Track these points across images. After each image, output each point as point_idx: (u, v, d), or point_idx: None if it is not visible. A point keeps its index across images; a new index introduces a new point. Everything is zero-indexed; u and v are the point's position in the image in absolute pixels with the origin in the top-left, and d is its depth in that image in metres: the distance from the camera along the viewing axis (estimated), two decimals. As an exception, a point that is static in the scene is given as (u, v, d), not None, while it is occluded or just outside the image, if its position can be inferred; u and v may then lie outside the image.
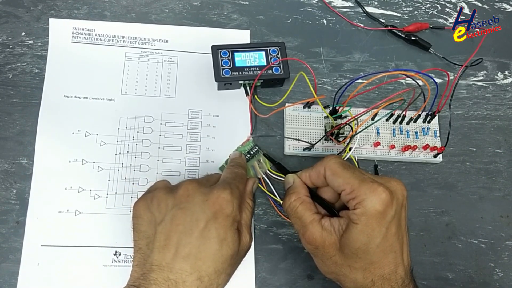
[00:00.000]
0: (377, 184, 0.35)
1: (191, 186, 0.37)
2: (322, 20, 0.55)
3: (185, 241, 0.34)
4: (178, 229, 0.34)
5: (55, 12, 0.50)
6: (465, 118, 0.53)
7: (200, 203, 0.35)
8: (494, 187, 0.51)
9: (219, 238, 0.35)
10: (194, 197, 0.36)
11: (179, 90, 0.49)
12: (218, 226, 0.35)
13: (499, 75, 0.56)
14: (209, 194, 0.36)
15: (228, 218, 0.35)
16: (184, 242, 0.34)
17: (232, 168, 0.42)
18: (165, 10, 0.52)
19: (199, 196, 0.36)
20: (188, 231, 0.34)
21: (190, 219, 0.35)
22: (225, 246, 0.35)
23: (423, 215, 0.48)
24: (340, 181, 0.36)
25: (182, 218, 0.35)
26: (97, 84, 0.48)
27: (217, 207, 0.35)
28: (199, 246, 0.34)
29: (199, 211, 0.35)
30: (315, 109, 0.49)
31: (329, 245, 0.36)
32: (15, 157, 0.44)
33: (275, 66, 0.47)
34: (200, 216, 0.35)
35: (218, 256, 0.35)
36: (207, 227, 0.35)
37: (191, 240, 0.34)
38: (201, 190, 0.36)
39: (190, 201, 0.36)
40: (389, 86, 0.53)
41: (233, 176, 0.40)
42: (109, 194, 0.44)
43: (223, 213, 0.35)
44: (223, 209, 0.35)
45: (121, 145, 0.46)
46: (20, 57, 0.48)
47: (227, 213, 0.35)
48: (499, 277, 0.47)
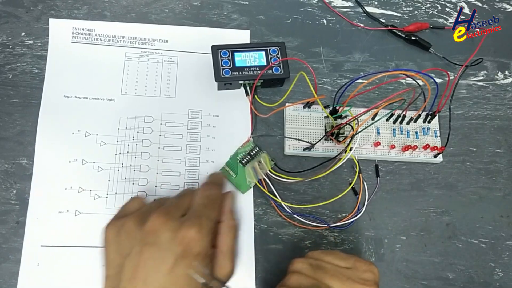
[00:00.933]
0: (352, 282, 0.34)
1: (158, 221, 0.35)
2: (322, 20, 0.55)
3: (153, 277, 0.33)
4: (146, 264, 0.34)
5: (55, 12, 0.50)
6: (465, 118, 0.53)
7: (167, 240, 0.34)
8: (494, 187, 0.51)
9: (188, 277, 0.34)
10: (161, 233, 0.34)
11: (179, 90, 0.49)
12: (187, 264, 0.34)
13: (499, 75, 0.56)
14: (177, 231, 0.34)
15: (198, 257, 0.34)
16: (152, 278, 0.33)
17: (205, 191, 0.39)
18: (165, 10, 0.52)
19: (166, 233, 0.34)
20: (156, 267, 0.34)
21: (157, 255, 0.34)
22: (195, 283, 0.34)
23: (423, 215, 0.48)
24: None
25: (150, 253, 0.34)
26: (97, 84, 0.48)
27: (185, 246, 0.34)
28: (167, 283, 0.33)
29: (166, 248, 0.34)
30: (315, 109, 0.49)
31: None
32: (15, 157, 0.44)
33: (275, 66, 0.47)
34: (167, 253, 0.34)
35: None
36: (176, 265, 0.33)
37: (159, 276, 0.33)
38: (169, 225, 0.35)
39: (157, 237, 0.34)
40: (389, 86, 0.53)
41: (205, 202, 0.38)
42: (109, 194, 0.44)
43: (191, 252, 0.34)
44: (191, 248, 0.34)
45: (121, 145, 0.46)
46: (20, 57, 0.48)
47: (196, 252, 0.34)
48: (499, 277, 0.47)
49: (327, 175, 0.47)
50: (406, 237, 0.47)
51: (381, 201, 0.48)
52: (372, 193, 0.48)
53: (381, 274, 0.45)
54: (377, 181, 0.48)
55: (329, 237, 0.46)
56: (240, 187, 0.46)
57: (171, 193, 0.45)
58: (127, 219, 0.36)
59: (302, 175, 0.47)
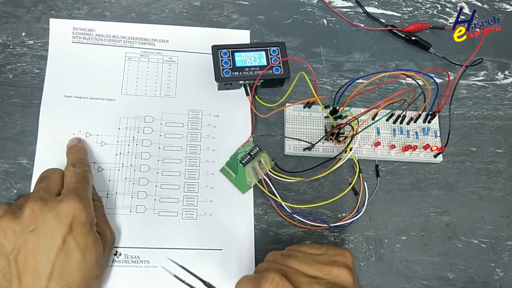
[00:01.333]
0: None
1: (36, 205, 0.35)
2: (322, 20, 0.55)
3: (45, 261, 0.34)
4: (35, 251, 0.34)
5: (55, 12, 0.50)
6: (465, 118, 0.53)
7: (52, 220, 0.35)
8: (494, 187, 0.51)
9: (79, 248, 0.35)
10: (43, 216, 0.35)
11: (179, 90, 0.49)
12: (76, 236, 0.35)
13: (499, 75, 0.56)
14: (59, 209, 0.35)
15: (85, 226, 0.35)
16: (44, 262, 0.34)
17: (74, 170, 0.40)
18: (165, 10, 0.53)
19: (48, 214, 0.35)
20: (45, 251, 0.34)
21: (44, 238, 0.34)
22: (88, 252, 0.35)
23: (423, 215, 0.48)
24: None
25: (36, 240, 0.34)
26: (98, 84, 0.48)
27: (70, 218, 0.35)
28: (61, 262, 0.34)
29: (53, 228, 0.34)
30: (316, 109, 0.49)
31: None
32: (16, 157, 0.44)
33: (275, 66, 0.47)
34: (55, 232, 0.34)
35: (82, 264, 0.35)
36: (66, 241, 0.34)
37: (51, 258, 0.34)
38: (49, 206, 0.35)
39: (39, 221, 0.35)
40: (389, 86, 0.53)
41: (77, 179, 0.39)
42: (109, 194, 0.44)
43: (78, 223, 0.35)
44: (77, 218, 0.35)
45: (121, 145, 0.46)
46: (20, 57, 0.48)
47: (83, 221, 0.35)
48: (500, 277, 0.47)
49: (327, 175, 0.47)
50: (406, 237, 0.47)
51: (381, 201, 0.48)
52: (372, 193, 0.48)
53: (381, 274, 0.45)
54: (377, 181, 0.48)
55: (329, 237, 0.46)
56: (240, 187, 0.46)
57: (171, 193, 0.45)
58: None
59: (302, 175, 0.47)
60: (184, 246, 0.43)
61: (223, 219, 0.45)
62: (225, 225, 0.45)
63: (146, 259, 0.42)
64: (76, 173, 0.40)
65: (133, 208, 0.44)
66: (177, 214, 0.44)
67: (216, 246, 0.44)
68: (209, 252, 0.43)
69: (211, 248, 0.43)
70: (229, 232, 0.44)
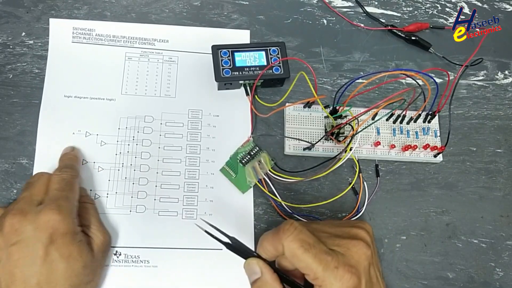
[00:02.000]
0: (342, 270, 0.33)
1: (15, 219, 0.35)
2: (322, 20, 0.55)
3: (30, 273, 0.34)
4: (19, 263, 0.34)
5: (55, 12, 0.50)
6: (465, 118, 0.53)
7: (31, 232, 0.35)
8: (494, 186, 0.51)
9: (63, 258, 0.35)
10: (23, 229, 0.35)
11: (179, 90, 0.49)
12: (59, 247, 0.35)
13: (499, 75, 0.56)
14: (37, 221, 0.35)
15: (66, 236, 0.35)
16: (29, 273, 0.34)
17: (60, 175, 0.40)
18: (165, 10, 0.53)
19: (28, 226, 0.35)
20: (29, 262, 0.34)
21: (27, 250, 0.34)
22: (73, 261, 0.35)
23: (423, 215, 0.48)
24: (302, 265, 0.33)
25: (19, 253, 0.35)
26: (97, 84, 0.48)
27: (50, 230, 0.35)
28: (47, 272, 0.34)
29: (33, 240, 0.35)
30: (315, 109, 0.49)
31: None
32: (16, 157, 0.44)
33: (275, 66, 0.47)
34: (36, 244, 0.34)
35: (69, 273, 0.35)
36: (48, 252, 0.35)
37: (36, 269, 0.34)
38: (28, 219, 0.35)
39: (20, 234, 0.35)
40: (389, 86, 0.53)
41: (61, 186, 0.39)
42: (109, 194, 0.44)
43: (59, 234, 0.35)
44: (57, 230, 0.35)
45: (121, 145, 0.46)
46: (20, 57, 0.48)
47: (63, 231, 0.35)
48: (500, 276, 0.47)
49: (327, 175, 0.47)
50: (406, 237, 0.47)
51: (381, 201, 0.48)
52: (372, 193, 0.48)
53: (381, 274, 0.45)
54: (377, 181, 0.48)
55: (329, 237, 0.46)
56: (240, 187, 0.46)
57: (171, 193, 0.45)
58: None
59: (302, 174, 0.47)
60: (184, 246, 0.43)
61: (223, 219, 0.45)
62: (225, 225, 0.45)
63: (146, 259, 0.42)
64: (61, 179, 0.40)
65: (133, 207, 0.44)
66: (177, 214, 0.44)
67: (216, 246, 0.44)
68: (209, 252, 0.43)
69: (211, 248, 0.43)
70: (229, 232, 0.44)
